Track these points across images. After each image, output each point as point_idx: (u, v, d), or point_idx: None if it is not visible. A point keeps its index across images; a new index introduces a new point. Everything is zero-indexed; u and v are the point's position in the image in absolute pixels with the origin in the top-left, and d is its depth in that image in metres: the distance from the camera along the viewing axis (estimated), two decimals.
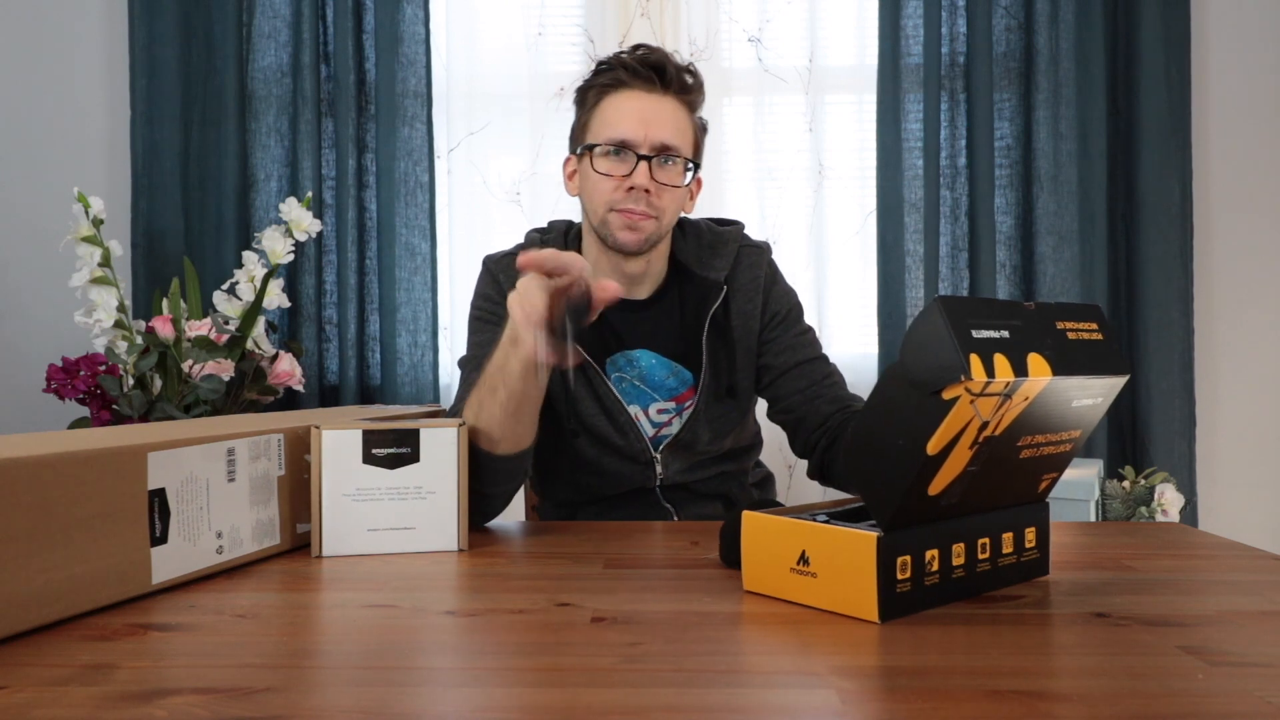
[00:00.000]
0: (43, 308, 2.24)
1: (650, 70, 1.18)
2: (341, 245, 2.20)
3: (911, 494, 0.67)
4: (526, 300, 0.91)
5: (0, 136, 2.27)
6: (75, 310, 1.94)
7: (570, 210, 2.24)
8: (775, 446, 2.14)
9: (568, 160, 1.29)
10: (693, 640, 0.66)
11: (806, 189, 2.22)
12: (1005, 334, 0.66)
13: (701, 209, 1.38)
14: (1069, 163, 2.13)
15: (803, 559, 0.73)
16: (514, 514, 1.20)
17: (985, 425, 0.67)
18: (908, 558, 0.70)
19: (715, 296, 1.24)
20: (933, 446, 0.65)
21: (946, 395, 0.63)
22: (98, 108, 2.28)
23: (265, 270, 1.98)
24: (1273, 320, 2.22)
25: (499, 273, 1.27)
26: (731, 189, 2.21)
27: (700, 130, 1.25)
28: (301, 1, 2.18)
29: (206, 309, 2.04)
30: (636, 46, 1.22)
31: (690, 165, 1.22)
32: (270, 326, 2.15)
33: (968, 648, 0.64)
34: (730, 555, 0.86)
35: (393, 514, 0.93)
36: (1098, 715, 0.52)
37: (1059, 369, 0.68)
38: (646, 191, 1.17)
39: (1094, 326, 0.74)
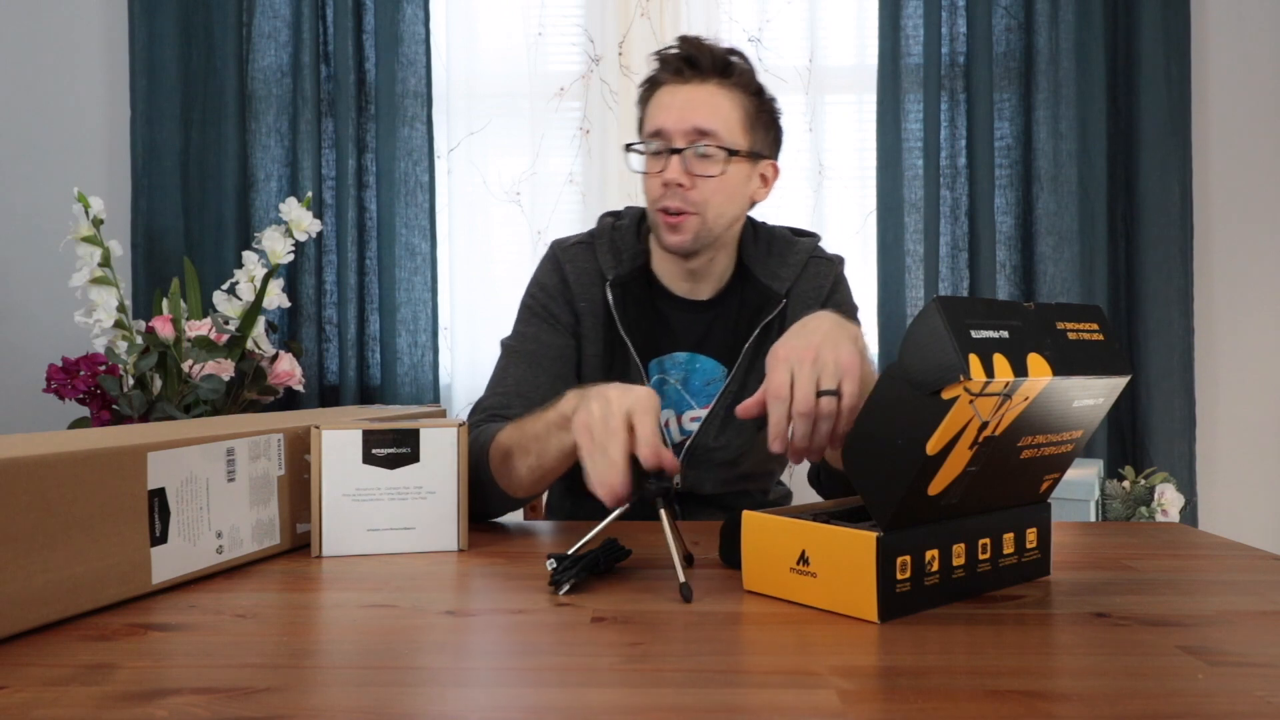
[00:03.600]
0: (43, 308, 2.24)
1: (680, 61, 1.16)
2: (341, 245, 2.20)
3: (911, 494, 0.67)
4: (612, 478, 0.81)
5: (0, 136, 2.27)
6: (75, 310, 1.94)
7: (568, 210, 2.26)
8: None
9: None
10: (693, 640, 0.66)
11: (806, 189, 2.22)
12: (1005, 334, 0.66)
13: None
14: (1069, 163, 2.13)
15: (802, 559, 0.73)
16: (513, 514, 1.20)
17: (985, 425, 0.67)
18: (908, 558, 0.70)
19: (772, 307, 1.21)
20: (932, 446, 0.65)
21: (945, 395, 0.63)
22: (98, 108, 2.28)
23: (265, 270, 1.98)
24: (1273, 320, 2.22)
25: (565, 262, 1.25)
26: None
27: (760, 112, 1.18)
28: (301, 1, 2.18)
29: (206, 309, 2.04)
30: (681, 37, 1.18)
31: (736, 154, 1.15)
32: (270, 326, 2.15)
33: (968, 648, 0.64)
34: (730, 555, 0.86)
35: (392, 514, 0.93)
36: (1098, 715, 0.52)
37: (1059, 369, 0.68)
38: (680, 185, 1.14)
39: (1094, 327, 0.74)
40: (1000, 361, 0.64)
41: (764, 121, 1.20)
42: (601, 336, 1.21)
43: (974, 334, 0.64)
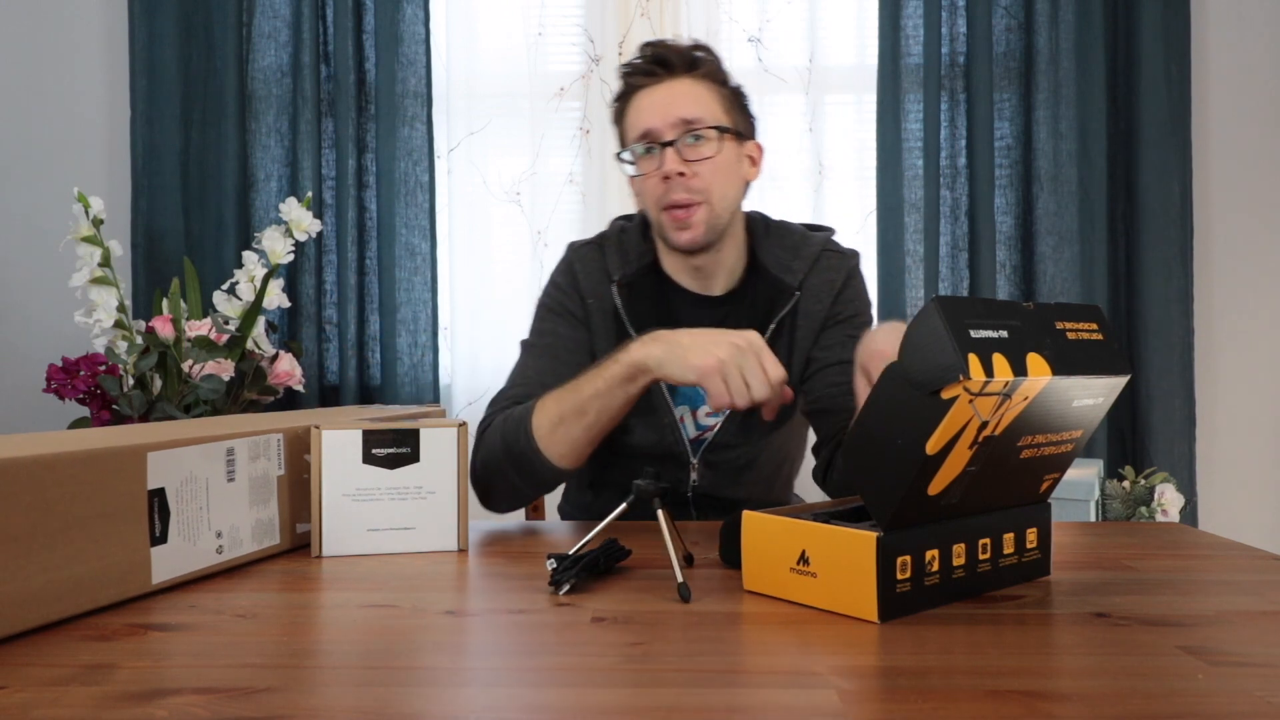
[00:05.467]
0: (43, 308, 2.24)
1: (651, 64, 1.18)
2: (341, 245, 2.20)
3: (911, 494, 0.67)
4: (767, 390, 0.96)
5: (0, 136, 2.27)
6: (75, 310, 1.94)
7: (568, 210, 2.26)
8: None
9: (632, 179, 1.26)
10: (693, 640, 0.66)
11: (806, 189, 2.22)
12: (1004, 334, 0.66)
13: None
14: (1069, 163, 2.13)
15: (803, 559, 0.73)
16: (514, 514, 1.20)
17: (985, 425, 0.67)
18: (908, 558, 0.70)
19: (786, 301, 1.21)
20: (932, 446, 0.65)
21: (945, 395, 0.63)
22: (98, 108, 2.28)
23: (265, 270, 1.98)
24: (1273, 320, 2.22)
25: (576, 262, 1.27)
26: None
27: (734, 95, 1.21)
28: (301, 1, 2.18)
29: (206, 309, 2.04)
30: (641, 44, 1.21)
31: (726, 132, 1.17)
32: (270, 326, 2.15)
33: (968, 648, 0.64)
34: (730, 555, 0.86)
35: (392, 514, 0.93)
36: (1098, 715, 0.52)
37: (1059, 369, 0.68)
38: (682, 175, 1.14)
39: (1094, 327, 0.74)
40: (1000, 361, 0.64)
41: (739, 105, 1.22)
42: (612, 334, 1.22)
43: (973, 334, 0.64)
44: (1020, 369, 0.65)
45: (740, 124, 1.21)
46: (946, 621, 0.70)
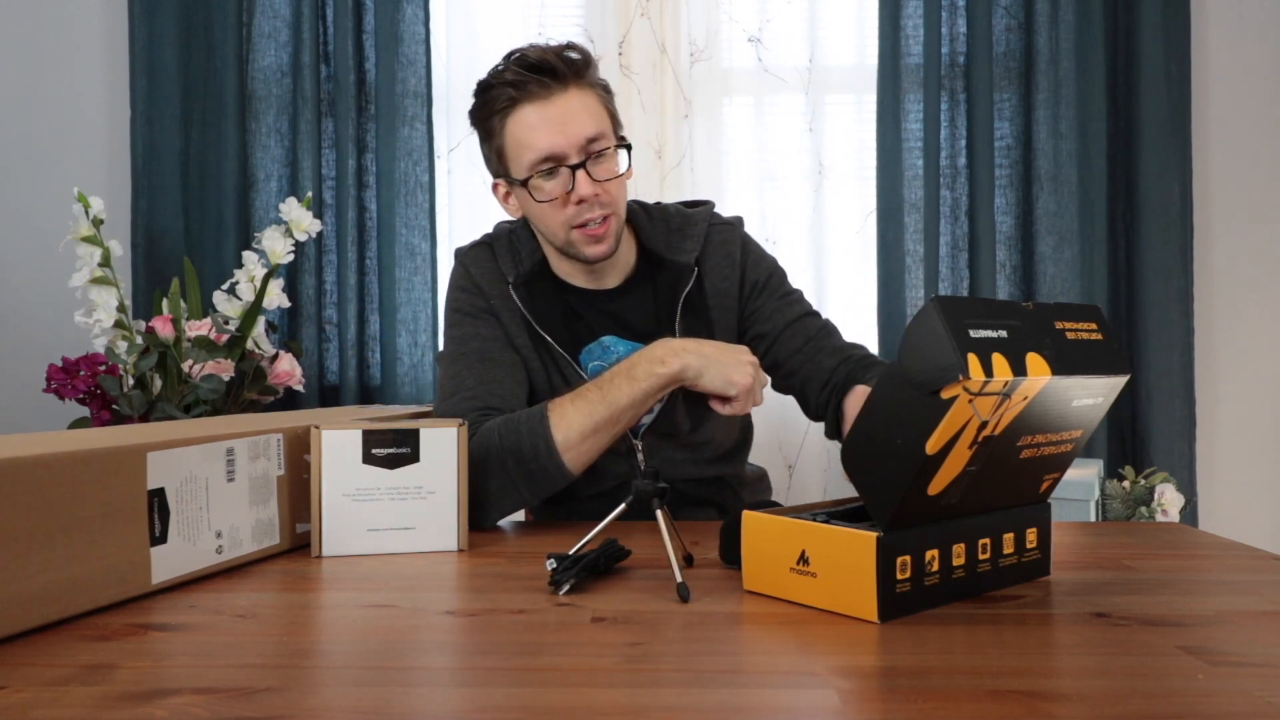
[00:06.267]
0: (43, 308, 2.24)
1: (538, 74, 1.13)
2: (341, 245, 2.20)
3: (911, 494, 0.67)
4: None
5: (0, 136, 2.27)
6: (75, 310, 1.94)
7: None
8: (775, 446, 2.15)
9: (496, 184, 1.25)
10: (693, 640, 0.66)
11: (806, 189, 2.22)
12: (1003, 334, 0.66)
13: None
14: (1069, 163, 2.13)
15: (802, 559, 0.73)
16: (514, 515, 1.20)
17: (984, 425, 0.67)
18: (908, 558, 0.70)
19: (687, 279, 1.23)
20: (931, 446, 0.65)
21: (945, 395, 0.63)
22: (98, 108, 2.28)
23: (265, 270, 1.98)
24: (1273, 320, 2.22)
25: (469, 264, 1.27)
26: (731, 189, 2.21)
27: (609, 96, 1.20)
28: (301, 1, 2.17)
29: (206, 309, 2.04)
30: (510, 54, 1.16)
31: (622, 146, 1.18)
32: (270, 326, 2.15)
33: (968, 648, 0.64)
34: (730, 555, 0.86)
35: (392, 514, 0.93)
36: (1098, 715, 0.52)
37: (1058, 368, 0.68)
38: (596, 195, 1.14)
39: (1093, 326, 0.74)
40: (999, 361, 0.64)
41: (612, 105, 1.21)
42: (524, 331, 1.23)
43: (972, 333, 0.64)
44: (1020, 369, 0.65)
45: (620, 129, 1.21)
46: (946, 621, 0.70)
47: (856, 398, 1.13)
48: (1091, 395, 0.74)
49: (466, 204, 2.27)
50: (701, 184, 2.18)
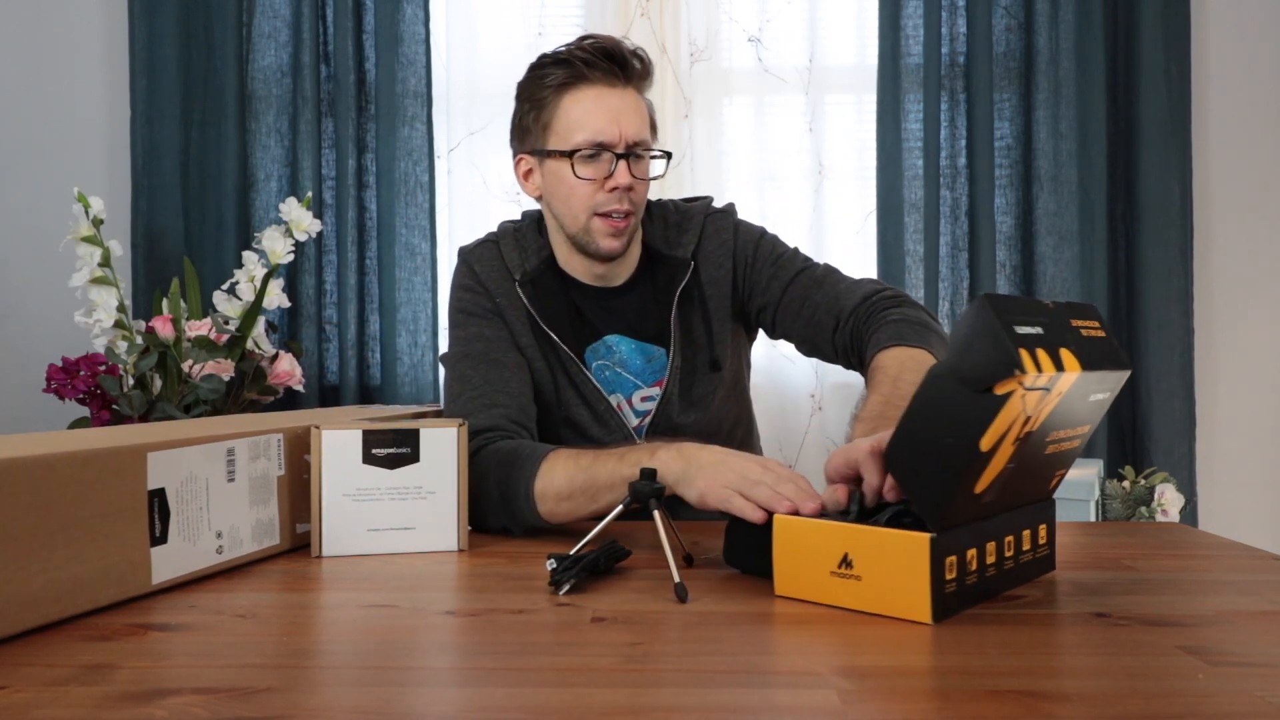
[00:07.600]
0: (43, 308, 2.24)
1: (611, 62, 1.15)
2: (341, 245, 2.20)
3: (960, 492, 0.67)
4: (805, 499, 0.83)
5: (0, 136, 2.27)
6: (75, 310, 1.94)
7: None
8: (775, 446, 2.15)
9: (520, 160, 1.24)
10: (692, 640, 0.66)
11: (806, 189, 2.22)
12: (1040, 330, 0.66)
13: None
14: (1069, 163, 2.13)
15: (845, 561, 0.72)
16: None
17: (1028, 420, 0.67)
18: (954, 557, 0.70)
19: (683, 274, 1.24)
20: (986, 443, 0.65)
21: (999, 390, 0.63)
22: (98, 108, 2.28)
23: (265, 270, 1.98)
24: (1273, 320, 2.22)
25: (474, 263, 1.26)
26: (731, 189, 2.21)
27: (652, 108, 1.23)
28: (301, 1, 2.17)
29: (206, 309, 2.04)
30: (584, 37, 1.18)
31: (659, 154, 1.21)
32: (270, 326, 2.15)
33: (968, 648, 0.64)
34: (732, 555, 0.86)
35: (392, 514, 0.93)
36: (1098, 715, 0.52)
37: (1085, 364, 0.68)
38: (629, 189, 1.16)
39: (1096, 324, 0.75)
40: (1043, 356, 0.64)
41: (655, 117, 1.24)
42: (529, 330, 1.23)
43: (1018, 330, 0.64)
44: (1059, 364, 0.65)
45: (657, 139, 1.23)
46: (947, 621, 0.70)
47: (881, 368, 1.07)
48: (1103, 390, 0.74)
49: (466, 204, 2.27)
50: (701, 184, 2.18)
